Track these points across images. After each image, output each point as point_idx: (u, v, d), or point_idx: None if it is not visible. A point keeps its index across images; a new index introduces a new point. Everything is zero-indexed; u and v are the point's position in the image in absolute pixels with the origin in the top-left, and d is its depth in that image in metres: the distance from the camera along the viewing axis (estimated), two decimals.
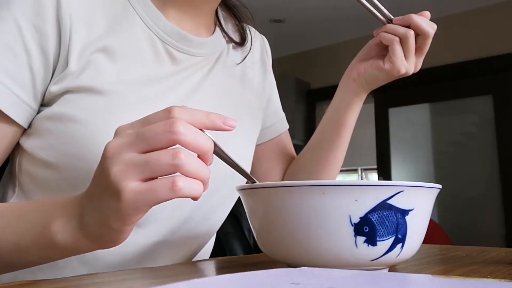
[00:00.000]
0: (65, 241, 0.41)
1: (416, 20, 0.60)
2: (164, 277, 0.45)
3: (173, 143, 0.35)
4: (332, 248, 0.37)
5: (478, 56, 3.33)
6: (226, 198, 0.66)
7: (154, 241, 0.59)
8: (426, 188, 0.39)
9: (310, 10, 3.26)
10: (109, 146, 0.37)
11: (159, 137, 0.35)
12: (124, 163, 0.35)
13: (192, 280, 0.24)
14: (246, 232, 1.23)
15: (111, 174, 0.35)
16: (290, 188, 0.38)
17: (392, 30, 0.61)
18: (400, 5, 3.18)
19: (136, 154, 0.35)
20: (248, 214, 0.44)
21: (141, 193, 0.35)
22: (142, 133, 0.35)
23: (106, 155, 0.37)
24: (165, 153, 0.35)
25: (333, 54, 3.96)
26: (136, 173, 0.35)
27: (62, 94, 0.53)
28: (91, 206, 0.39)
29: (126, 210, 0.36)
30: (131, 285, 0.40)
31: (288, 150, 0.83)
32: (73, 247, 0.41)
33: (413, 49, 0.61)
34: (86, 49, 0.54)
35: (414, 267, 0.48)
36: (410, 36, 0.60)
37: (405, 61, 0.62)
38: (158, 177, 0.35)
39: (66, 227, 0.41)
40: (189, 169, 0.35)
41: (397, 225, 0.37)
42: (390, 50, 0.62)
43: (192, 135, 0.35)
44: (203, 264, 0.57)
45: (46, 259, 0.46)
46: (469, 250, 0.65)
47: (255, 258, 0.60)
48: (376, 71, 0.65)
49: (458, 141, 3.47)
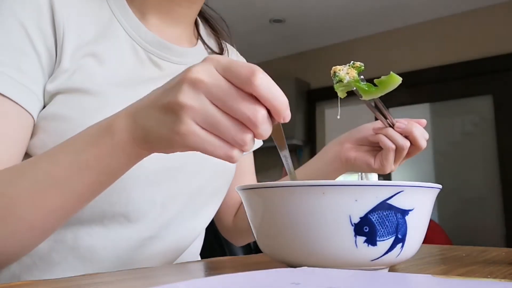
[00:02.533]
0: (125, 138, 0.42)
1: (415, 134, 0.64)
2: (164, 277, 0.45)
3: (248, 126, 0.37)
4: (332, 248, 0.37)
5: (478, 56, 3.33)
6: (213, 196, 0.70)
7: (145, 236, 0.62)
8: (426, 188, 0.39)
9: (310, 10, 3.26)
10: (194, 72, 0.37)
11: (240, 113, 0.36)
12: (197, 101, 0.37)
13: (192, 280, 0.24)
14: None
15: (181, 103, 0.36)
16: (290, 188, 0.38)
17: (392, 138, 0.64)
18: (400, 5, 3.18)
19: (211, 104, 0.37)
20: (248, 214, 0.44)
21: (199, 137, 0.37)
22: (230, 96, 0.36)
23: (185, 78, 0.37)
24: (238, 128, 0.37)
25: (333, 54, 3.95)
26: (203, 120, 0.37)
27: (55, 94, 0.57)
28: (148, 114, 0.40)
29: (181, 140, 0.37)
30: (131, 285, 0.40)
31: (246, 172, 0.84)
32: (132, 149, 0.42)
33: (403, 157, 0.66)
34: (77, 51, 0.58)
35: (414, 267, 0.48)
36: (406, 148, 0.64)
37: (393, 165, 0.66)
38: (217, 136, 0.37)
39: (123, 126, 0.42)
40: (245, 148, 0.38)
41: (397, 225, 0.37)
42: (384, 155, 0.66)
43: (264, 128, 0.37)
44: (203, 264, 0.57)
45: (105, 174, 0.45)
46: (469, 250, 0.65)
47: (255, 258, 0.60)
48: (364, 165, 0.69)
49: (458, 141, 3.47)
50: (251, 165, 0.87)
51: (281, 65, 4.20)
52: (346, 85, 0.53)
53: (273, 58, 4.23)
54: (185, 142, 0.38)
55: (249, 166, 0.86)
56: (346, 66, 0.54)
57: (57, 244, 0.58)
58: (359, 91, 0.54)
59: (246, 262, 0.55)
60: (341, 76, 0.53)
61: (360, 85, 0.53)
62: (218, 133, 0.37)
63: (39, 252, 0.58)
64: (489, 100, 3.32)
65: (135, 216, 0.60)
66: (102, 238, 0.59)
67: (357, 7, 3.12)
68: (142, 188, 0.59)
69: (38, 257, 0.58)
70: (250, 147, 0.38)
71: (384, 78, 0.52)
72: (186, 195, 0.65)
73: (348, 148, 0.71)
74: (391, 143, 0.64)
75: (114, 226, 0.59)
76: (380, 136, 0.65)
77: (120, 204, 0.58)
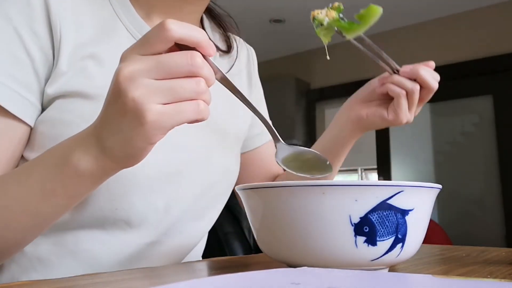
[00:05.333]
0: (90, 167, 0.42)
1: (423, 75, 0.61)
2: (164, 277, 0.45)
3: (193, 75, 0.38)
4: (332, 248, 0.37)
5: (478, 56, 3.33)
6: (215, 200, 0.68)
7: (147, 241, 0.61)
8: (426, 188, 0.39)
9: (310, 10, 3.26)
10: (124, 71, 0.38)
11: (180, 68, 0.38)
12: (145, 87, 0.37)
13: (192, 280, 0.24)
14: (246, 232, 1.23)
15: (133, 98, 0.37)
16: (290, 188, 0.38)
17: (400, 83, 0.62)
18: (400, 5, 3.18)
19: (155, 80, 0.38)
20: (248, 214, 0.44)
21: (166, 114, 0.38)
22: (163, 62, 0.38)
23: (121, 80, 0.38)
24: (189, 81, 0.38)
25: (333, 54, 3.95)
26: (160, 96, 0.37)
27: (54, 99, 0.55)
28: (110, 130, 0.40)
29: (150, 131, 0.38)
30: (131, 285, 0.40)
31: (267, 163, 0.82)
32: (99, 172, 0.43)
33: (417, 102, 0.63)
34: (75, 53, 0.56)
35: (414, 267, 0.48)
36: (416, 91, 0.62)
37: (408, 113, 0.63)
38: (180, 102, 0.38)
39: (87, 154, 0.42)
40: (206, 97, 0.40)
41: (397, 225, 0.37)
42: (396, 103, 0.63)
43: (207, 69, 0.39)
44: (203, 264, 0.57)
45: (74, 197, 0.46)
46: (469, 250, 0.65)
47: (255, 258, 0.60)
48: (378, 120, 0.66)
49: (458, 141, 3.47)
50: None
51: (281, 65, 4.20)
52: (328, 28, 0.52)
53: (273, 58, 4.23)
54: (157, 128, 0.38)
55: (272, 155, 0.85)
56: (324, 9, 0.53)
57: (57, 247, 0.57)
58: (341, 31, 0.52)
59: (246, 262, 0.55)
60: (320, 18, 0.52)
61: (341, 24, 0.51)
62: (178, 98, 0.38)
63: (39, 255, 0.57)
64: (489, 100, 3.33)
65: (136, 222, 0.59)
66: (103, 243, 0.58)
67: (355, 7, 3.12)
68: (144, 194, 0.58)
69: (38, 260, 0.57)
70: (208, 95, 0.40)
71: (363, 12, 0.50)
72: (189, 200, 0.63)
73: (358, 107, 0.68)
74: (399, 88, 0.62)
75: (115, 231, 0.58)
76: (387, 85, 0.63)
77: (122, 210, 0.57)
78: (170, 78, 0.38)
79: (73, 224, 0.57)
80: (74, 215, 0.56)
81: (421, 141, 3.66)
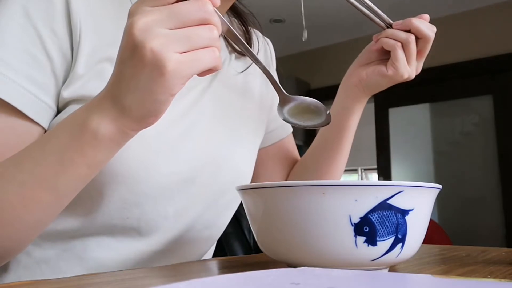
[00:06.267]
0: (109, 130, 0.41)
1: (416, 24, 0.60)
2: (164, 277, 0.45)
3: (205, 23, 0.39)
4: (332, 248, 0.37)
5: (478, 56, 3.33)
6: (225, 208, 0.67)
7: (155, 249, 0.60)
8: (426, 188, 0.39)
9: (310, 10, 3.26)
10: (138, 23, 0.38)
11: (193, 16, 0.38)
12: (162, 36, 0.38)
13: (192, 280, 0.24)
14: (246, 232, 1.23)
15: (151, 48, 0.37)
16: (290, 188, 0.38)
17: (393, 35, 0.61)
18: (401, 4, 3.18)
19: (170, 30, 0.38)
20: (248, 214, 0.44)
21: (185, 62, 0.38)
22: (176, 10, 0.38)
23: (136, 33, 0.38)
24: (203, 28, 0.39)
25: (333, 54, 3.95)
26: (178, 45, 0.38)
27: (69, 103, 0.53)
28: (127, 88, 0.40)
29: (171, 80, 0.38)
30: (131, 285, 0.40)
31: (291, 154, 0.83)
32: (119, 135, 0.42)
33: (415, 54, 0.61)
34: (93, 55, 0.54)
35: (414, 267, 0.48)
36: (412, 41, 0.60)
37: (407, 66, 0.62)
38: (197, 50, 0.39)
39: (105, 118, 0.41)
40: (219, 45, 0.40)
41: (397, 225, 0.37)
42: (393, 56, 0.61)
43: (217, 17, 0.40)
44: (203, 264, 0.57)
45: (93, 166, 0.44)
46: (469, 250, 0.65)
47: (255, 258, 0.60)
48: (378, 77, 0.64)
49: (458, 141, 3.47)
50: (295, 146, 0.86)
51: (281, 65, 4.19)
52: None
53: None
54: (177, 78, 0.38)
55: (294, 147, 0.85)
56: None
57: (65, 253, 0.57)
58: None
59: (246, 262, 0.55)
60: None
61: None
62: (195, 46, 0.39)
63: (47, 260, 0.57)
64: (489, 100, 3.33)
65: (147, 230, 0.58)
66: (112, 250, 0.57)
67: None
68: (155, 202, 0.57)
69: (46, 264, 0.57)
70: (220, 44, 0.41)
71: None
72: (200, 208, 0.62)
73: (358, 70, 0.67)
74: (393, 40, 0.61)
75: (124, 239, 0.58)
76: (381, 39, 0.62)
77: (133, 219, 0.57)
78: (184, 27, 0.38)
79: (83, 232, 0.56)
80: (84, 223, 0.56)
81: (421, 141, 3.66)
